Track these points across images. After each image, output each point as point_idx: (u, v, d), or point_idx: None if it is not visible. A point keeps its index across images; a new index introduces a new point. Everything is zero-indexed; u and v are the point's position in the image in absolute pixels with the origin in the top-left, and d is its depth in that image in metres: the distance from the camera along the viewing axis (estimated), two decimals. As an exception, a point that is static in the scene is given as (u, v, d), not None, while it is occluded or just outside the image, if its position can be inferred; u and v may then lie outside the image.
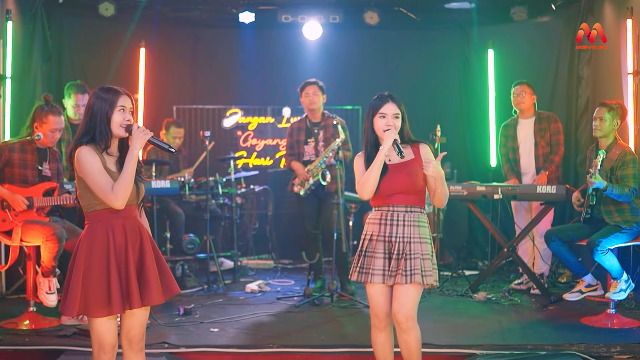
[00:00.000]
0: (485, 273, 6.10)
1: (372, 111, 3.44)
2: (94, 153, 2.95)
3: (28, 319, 4.82)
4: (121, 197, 2.91)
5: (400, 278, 3.33)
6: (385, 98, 3.44)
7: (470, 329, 4.88)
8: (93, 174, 2.92)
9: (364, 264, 3.44)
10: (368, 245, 3.45)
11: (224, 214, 7.08)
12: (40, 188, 4.85)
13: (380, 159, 3.36)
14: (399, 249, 3.37)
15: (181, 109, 7.96)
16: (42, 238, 4.60)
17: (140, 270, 3.02)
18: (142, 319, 3.10)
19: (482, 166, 7.61)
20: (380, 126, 3.41)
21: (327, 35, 7.67)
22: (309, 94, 5.99)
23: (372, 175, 3.36)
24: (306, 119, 6.12)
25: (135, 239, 3.04)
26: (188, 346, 4.42)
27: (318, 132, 6.01)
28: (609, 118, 5.01)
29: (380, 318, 3.47)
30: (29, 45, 6.55)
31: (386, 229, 3.41)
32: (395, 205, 3.41)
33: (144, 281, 3.01)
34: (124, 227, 3.00)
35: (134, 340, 3.10)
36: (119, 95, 3.01)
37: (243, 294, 6.06)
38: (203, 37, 8.09)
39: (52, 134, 4.87)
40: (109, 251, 2.95)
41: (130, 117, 3.03)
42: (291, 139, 6.13)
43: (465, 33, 7.81)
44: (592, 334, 4.71)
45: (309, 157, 6.00)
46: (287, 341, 4.55)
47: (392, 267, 3.37)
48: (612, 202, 4.94)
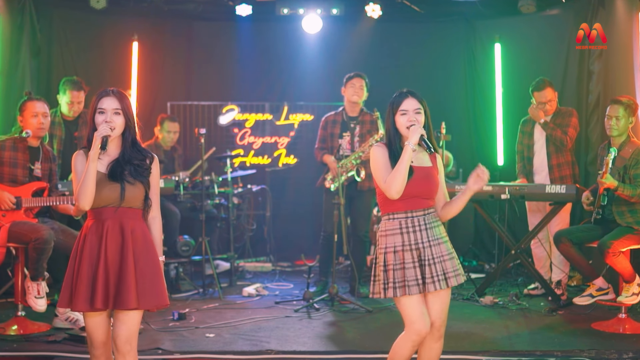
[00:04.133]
0: (492, 276, 6.10)
1: (393, 109, 3.39)
2: (81, 158, 3.15)
3: (16, 324, 4.82)
4: (80, 199, 3.06)
5: (438, 284, 3.32)
6: (405, 94, 3.39)
7: (477, 335, 4.88)
8: (73, 177, 3.17)
9: (395, 278, 3.33)
10: (394, 258, 3.35)
11: (220, 215, 7.07)
12: (30, 188, 4.85)
13: (408, 154, 3.28)
14: (428, 254, 3.34)
15: (175, 106, 7.96)
16: (29, 240, 4.60)
17: (119, 272, 3.08)
18: (127, 321, 3.12)
19: (488, 165, 7.45)
20: (403, 123, 3.35)
21: (327, 28, 7.66)
22: (355, 85, 6.03)
23: (400, 173, 3.28)
24: (343, 112, 6.16)
25: (115, 240, 3.10)
26: (183, 352, 4.42)
27: (354, 126, 6.04)
28: (625, 116, 5.01)
29: (422, 333, 3.32)
30: (17, 39, 6.55)
31: (410, 237, 3.35)
32: (414, 211, 3.37)
33: (120, 284, 3.07)
34: (102, 227, 3.10)
35: (118, 340, 3.12)
36: (100, 97, 3.15)
37: (240, 298, 6.06)
38: (198, 31, 8.09)
39: (35, 120, 4.84)
40: (83, 249, 3.11)
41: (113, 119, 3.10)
42: (324, 131, 6.17)
43: (471, 26, 7.81)
44: (603, 339, 4.72)
45: (343, 152, 6.03)
46: (286, 347, 4.55)
47: (427, 273, 3.32)
48: (624, 203, 4.94)
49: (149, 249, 3.16)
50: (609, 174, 4.85)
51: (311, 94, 8.12)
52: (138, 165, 3.16)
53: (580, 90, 6.99)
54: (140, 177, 3.15)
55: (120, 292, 3.06)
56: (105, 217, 3.11)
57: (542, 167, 6.06)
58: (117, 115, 3.11)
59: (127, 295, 3.05)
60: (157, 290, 3.14)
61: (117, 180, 3.11)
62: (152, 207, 3.22)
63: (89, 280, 3.06)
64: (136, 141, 3.21)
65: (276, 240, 7.87)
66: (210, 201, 6.89)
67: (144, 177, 3.17)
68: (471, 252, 7.69)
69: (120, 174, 3.12)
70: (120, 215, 3.12)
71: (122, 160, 3.15)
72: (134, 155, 3.17)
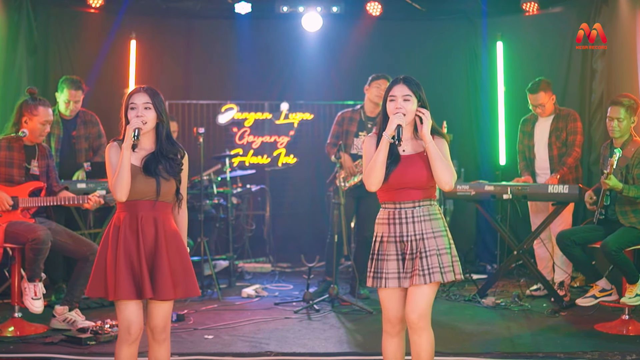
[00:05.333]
0: (494, 277, 6.10)
1: (386, 95, 3.35)
2: (114, 150, 3.27)
3: (13, 325, 4.81)
4: (117, 190, 3.19)
5: (417, 279, 3.24)
6: (398, 80, 3.35)
7: (478, 336, 4.88)
8: (107, 168, 3.28)
9: (377, 268, 3.35)
10: (379, 248, 3.36)
11: (219, 215, 7.07)
12: (26, 188, 4.85)
13: (384, 145, 3.25)
14: (412, 248, 3.28)
15: (174, 105, 7.96)
16: (26, 240, 4.60)
17: (153, 264, 3.24)
18: (162, 311, 3.30)
19: (490, 164, 7.61)
20: (391, 110, 3.31)
21: (327, 26, 7.66)
22: (380, 87, 5.97)
23: (376, 164, 3.25)
24: (361, 110, 6.13)
25: (149, 233, 3.24)
26: (181, 354, 4.42)
27: (372, 127, 6.02)
28: (627, 117, 5.00)
29: (393, 323, 3.39)
30: (14, 37, 6.55)
31: (395, 229, 3.32)
32: (403, 202, 3.32)
33: (157, 275, 3.23)
34: (137, 219, 3.23)
35: (156, 330, 3.32)
36: (131, 94, 3.30)
37: (239, 299, 6.06)
38: (197, 29, 8.08)
39: (42, 127, 4.89)
40: (118, 240, 3.23)
41: (144, 114, 3.24)
42: (340, 128, 6.14)
43: (472, 24, 7.80)
44: (607, 341, 4.72)
45: (357, 151, 6.02)
46: (286, 349, 4.55)
47: (407, 268, 3.28)
48: (627, 203, 4.94)
49: (178, 241, 3.32)
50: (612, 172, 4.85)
51: (311, 93, 8.12)
52: (172, 159, 3.30)
53: (583, 89, 6.99)
54: (173, 173, 3.30)
55: (157, 283, 3.22)
56: (139, 210, 3.25)
57: (544, 168, 6.06)
58: (148, 110, 3.26)
59: (164, 286, 3.22)
60: (189, 280, 3.31)
61: (152, 175, 3.26)
62: (182, 201, 3.38)
63: (128, 270, 3.20)
64: (170, 135, 3.36)
65: (275, 241, 7.87)
66: (209, 201, 6.89)
67: (176, 172, 3.32)
68: (473, 253, 7.69)
69: (155, 168, 3.27)
70: (155, 209, 3.27)
71: (158, 154, 3.29)
72: (170, 149, 3.32)
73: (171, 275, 3.24)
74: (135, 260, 3.22)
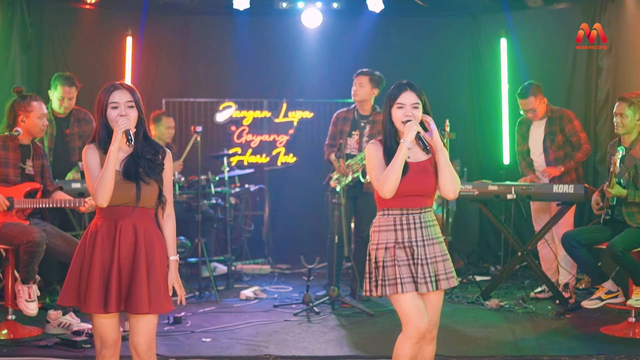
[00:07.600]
0: (498, 279, 6.10)
1: (389, 101, 3.34)
2: (92, 152, 3.13)
3: (6, 328, 4.82)
4: (99, 195, 3.04)
5: (430, 286, 3.31)
6: (403, 86, 3.34)
7: (482, 339, 4.89)
8: (86, 171, 3.13)
9: (385, 275, 3.31)
10: (385, 255, 3.33)
11: (217, 215, 7.08)
12: (22, 189, 4.84)
13: (403, 153, 3.26)
14: (421, 254, 3.32)
15: (171, 103, 7.96)
16: (20, 242, 4.60)
17: (130, 275, 3.09)
18: (143, 327, 3.13)
19: (494, 164, 7.61)
20: (399, 117, 3.32)
21: (327, 23, 7.66)
22: (354, 84, 6.05)
23: (394, 172, 3.26)
24: (355, 109, 6.16)
25: (128, 241, 3.10)
26: (178, 357, 4.42)
27: (364, 125, 6.03)
28: (631, 113, 5.01)
29: (422, 330, 3.28)
30: (7, 34, 6.54)
31: (404, 234, 3.33)
32: (410, 208, 3.34)
33: (133, 287, 3.08)
34: (115, 227, 3.09)
35: (138, 348, 3.14)
36: (110, 92, 3.13)
37: (237, 301, 6.06)
38: (194, 25, 8.09)
39: (41, 121, 4.91)
40: (94, 248, 3.08)
41: (128, 113, 3.10)
42: (335, 128, 6.18)
43: (475, 20, 7.81)
44: (612, 344, 4.73)
45: (350, 151, 6.03)
46: (285, 352, 4.55)
47: (419, 273, 3.30)
48: (634, 203, 4.94)
49: (161, 250, 3.17)
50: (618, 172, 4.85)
51: (311, 91, 8.12)
52: (151, 160, 3.15)
53: (589, 87, 6.99)
54: (154, 174, 3.15)
55: (132, 296, 3.06)
56: (118, 217, 3.11)
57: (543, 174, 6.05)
58: (131, 109, 3.12)
59: (139, 300, 3.05)
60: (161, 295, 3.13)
61: (132, 180, 3.10)
62: (166, 204, 3.23)
63: (101, 281, 3.06)
64: (147, 135, 3.21)
65: (275, 242, 7.87)
66: (207, 201, 6.89)
67: (157, 173, 3.17)
68: (476, 254, 7.69)
69: (136, 172, 3.12)
70: (134, 215, 3.13)
71: (135, 156, 3.14)
72: (147, 149, 3.17)
73: (147, 287, 3.07)
74: (114, 271, 3.05)
